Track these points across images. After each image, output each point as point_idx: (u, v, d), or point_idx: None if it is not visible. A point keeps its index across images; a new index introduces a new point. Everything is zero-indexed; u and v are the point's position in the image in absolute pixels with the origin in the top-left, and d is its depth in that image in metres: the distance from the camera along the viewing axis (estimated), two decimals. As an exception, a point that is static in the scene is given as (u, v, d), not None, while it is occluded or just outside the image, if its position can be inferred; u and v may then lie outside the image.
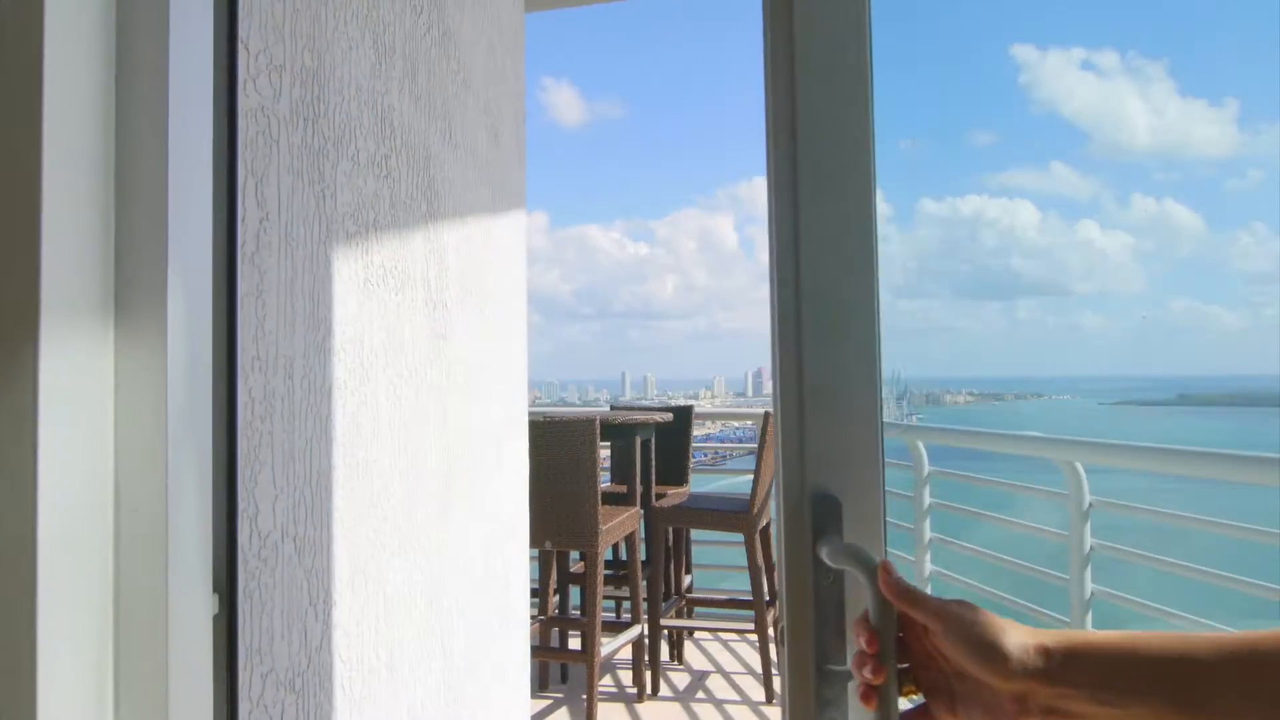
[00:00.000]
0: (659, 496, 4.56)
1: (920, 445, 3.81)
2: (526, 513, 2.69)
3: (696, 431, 6.02)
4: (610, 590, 4.77)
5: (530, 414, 5.14)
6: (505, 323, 2.40)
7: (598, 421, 3.60)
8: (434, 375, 1.67)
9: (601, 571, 3.67)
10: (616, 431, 4.22)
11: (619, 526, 3.82)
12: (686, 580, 4.75)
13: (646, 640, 4.12)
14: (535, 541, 3.72)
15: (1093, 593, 2.90)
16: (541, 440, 3.66)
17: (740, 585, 4.54)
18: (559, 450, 3.64)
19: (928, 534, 3.84)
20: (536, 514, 3.70)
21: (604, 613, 5.28)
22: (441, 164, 1.76)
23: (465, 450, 1.95)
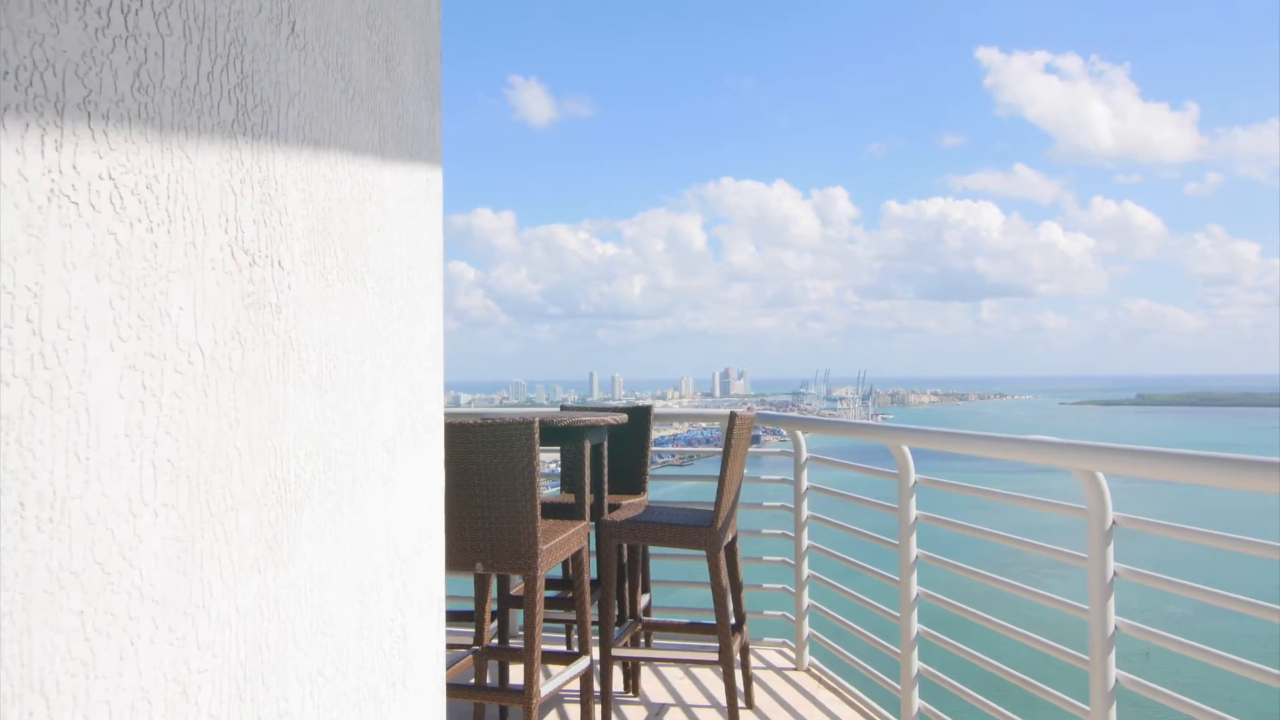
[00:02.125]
0: (612, 507, 4.06)
1: (905, 450, 3.35)
2: (440, 536, 2.17)
3: (660, 432, 5.52)
4: (558, 613, 4.26)
5: (461, 415, 4.60)
6: (401, 301, 1.88)
7: (536, 423, 3.09)
8: (252, 360, 1.16)
9: (541, 598, 3.16)
10: (563, 435, 3.72)
11: (563, 545, 3.32)
12: (644, 600, 4.26)
13: (598, 669, 3.63)
14: (464, 564, 3.21)
15: (1116, 627, 2.44)
16: (472, 445, 3.14)
17: (706, 602, 4.02)
18: (492, 457, 3.13)
19: (914, 551, 3.38)
20: (466, 532, 3.19)
21: (553, 636, 4.77)
22: (272, 63, 1.24)
23: (322, 466, 1.44)
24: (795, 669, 4.28)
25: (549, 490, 4.75)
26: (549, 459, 5.84)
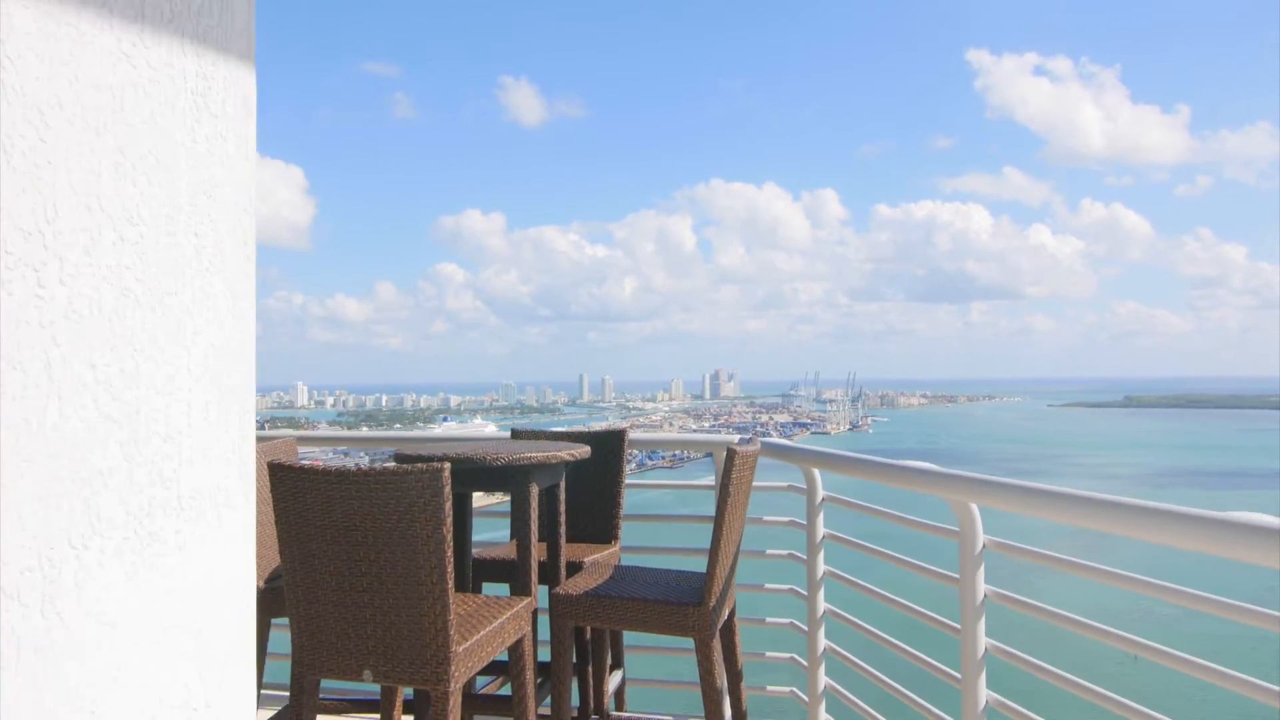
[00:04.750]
0: (573, 567, 3.10)
1: (973, 508, 2.40)
2: (246, 682, 1.19)
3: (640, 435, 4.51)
4: (497, 713, 3.27)
5: (357, 440, 3.58)
6: (106, 289, 0.91)
7: (446, 471, 2.12)
8: None
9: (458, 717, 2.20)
10: (500, 477, 2.75)
11: (492, 638, 2.35)
12: (614, 681, 3.30)
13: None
14: (346, 670, 2.24)
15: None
16: (354, 504, 2.17)
17: (694, 671, 2.95)
18: (384, 520, 2.16)
19: (982, 642, 2.43)
20: (349, 627, 2.22)
21: None
22: None
23: None
24: (809, 770, 3.32)
25: (495, 535, 3.78)
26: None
